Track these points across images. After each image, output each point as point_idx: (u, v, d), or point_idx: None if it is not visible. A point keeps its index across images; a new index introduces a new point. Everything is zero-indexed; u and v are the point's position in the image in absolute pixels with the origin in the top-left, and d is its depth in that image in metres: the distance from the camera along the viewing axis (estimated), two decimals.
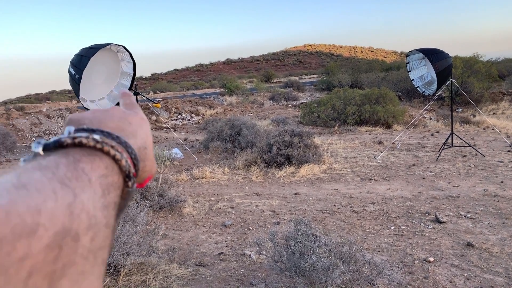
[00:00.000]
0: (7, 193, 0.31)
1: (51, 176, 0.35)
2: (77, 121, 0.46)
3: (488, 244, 3.98)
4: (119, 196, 0.40)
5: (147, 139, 0.49)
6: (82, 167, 0.37)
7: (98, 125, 0.44)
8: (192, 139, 11.72)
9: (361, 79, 26.09)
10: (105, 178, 0.39)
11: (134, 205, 4.34)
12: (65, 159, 0.37)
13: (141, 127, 0.49)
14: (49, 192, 0.33)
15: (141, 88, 45.23)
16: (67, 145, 0.40)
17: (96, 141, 0.40)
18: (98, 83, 7.66)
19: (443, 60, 7.81)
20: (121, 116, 0.48)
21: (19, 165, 0.39)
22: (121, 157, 0.41)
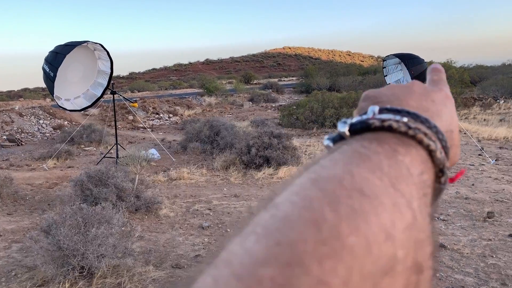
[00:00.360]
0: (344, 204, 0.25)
1: (380, 175, 0.28)
2: (375, 99, 0.41)
3: (459, 245, 4.09)
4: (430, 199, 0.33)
5: (453, 120, 0.42)
6: (402, 162, 0.31)
7: (398, 103, 0.39)
8: (169, 140, 11.60)
9: (339, 82, 26.44)
10: (421, 176, 0.32)
11: (110, 206, 4.26)
12: (381, 148, 0.31)
13: (445, 105, 0.42)
14: (389, 205, 0.26)
15: (118, 87, 44.45)
16: (374, 128, 0.34)
17: (407, 127, 0.34)
18: (74, 81, 7.50)
19: (418, 65, 8.00)
20: (422, 92, 0.42)
21: (329, 152, 0.33)
22: (435, 148, 0.34)
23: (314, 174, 0.29)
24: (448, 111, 0.42)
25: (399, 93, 0.40)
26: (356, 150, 0.31)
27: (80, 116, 15.37)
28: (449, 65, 19.10)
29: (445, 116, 0.40)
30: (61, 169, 8.24)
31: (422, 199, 0.30)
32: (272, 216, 0.25)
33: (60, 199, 5.97)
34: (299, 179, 0.29)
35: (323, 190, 0.26)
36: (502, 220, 4.75)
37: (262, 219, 0.25)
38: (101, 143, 10.80)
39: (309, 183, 0.27)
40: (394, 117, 0.34)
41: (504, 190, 5.93)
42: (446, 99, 0.43)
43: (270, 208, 0.26)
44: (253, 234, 0.24)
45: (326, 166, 0.29)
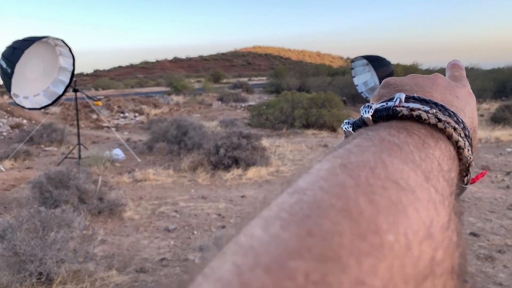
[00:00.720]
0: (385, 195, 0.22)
1: (413, 167, 0.26)
2: (397, 86, 0.39)
3: None
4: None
5: (474, 118, 0.40)
6: (433, 155, 0.29)
7: (423, 94, 0.36)
8: (135, 140, 11.31)
9: (309, 83, 26.75)
10: (450, 173, 0.30)
11: (70, 209, 4.10)
12: (411, 139, 0.29)
13: (468, 102, 0.40)
14: (425, 200, 0.24)
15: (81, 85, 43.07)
16: (401, 116, 0.32)
17: (437, 119, 0.32)
18: (33, 78, 7.15)
19: (385, 67, 8.17)
20: (446, 85, 0.40)
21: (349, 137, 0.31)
22: (464, 145, 0.33)
23: (341, 159, 0.26)
24: (471, 108, 0.40)
25: (422, 84, 0.39)
26: (384, 138, 0.29)
27: (40, 114, 14.76)
28: (415, 67, 19.72)
29: (468, 113, 0.39)
30: (19, 170, 7.86)
31: (451, 197, 0.28)
32: (299, 201, 0.22)
33: (17, 201, 5.69)
34: (324, 164, 0.26)
35: (355, 177, 0.23)
36: (464, 219, 4.88)
37: (286, 204, 0.22)
38: (63, 143, 10.39)
39: (338, 168, 0.25)
40: (423, 107, 0.33)
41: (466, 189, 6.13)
42: (469, 96, 0.42)
43: (295, 192, 0.23)
44: (279, 219, 0.21)
45: (354, 152, 0.27)
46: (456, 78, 0.46)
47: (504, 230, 4.53)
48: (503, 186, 6.33)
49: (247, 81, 40.94)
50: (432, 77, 0.41)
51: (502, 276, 3.56)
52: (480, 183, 6.49)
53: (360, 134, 0.31)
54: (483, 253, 3.97)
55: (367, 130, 0.31)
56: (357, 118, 0.36)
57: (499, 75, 22.56)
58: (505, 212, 5.10)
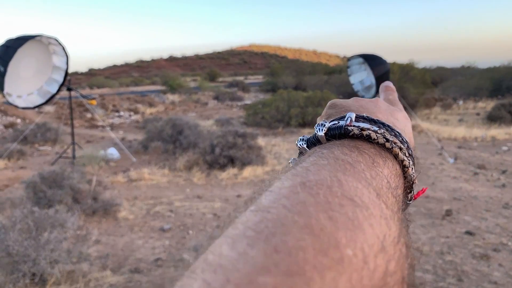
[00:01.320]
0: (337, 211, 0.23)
1: (366, 185, 0.27)
2: (343, 107, 0.41)
3: (419, 243, 4.17)
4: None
5: (412, 140, 0.42)
6: (382, 173, 0.31)
7: (369, 115, 0.38)
8: (130, 139, 11.25)
9: (305, 81, 26.76)
10: (397, 190, 0.32)
11: (64, 209, 4.06)
12: (362, 158, 0.31)
13: (406, 125, 0.42)
14: (378, 216, 0.25)
15: (75, 83, 42.88)
16: (352, 135, 0.34)
17: (385, 139, 0.34)
18: (26, 77, 7.08)
19: (381, 66, 8.15)
20: (387, 109, 0.42)
21: (307, 156, 0.32)
22: (408, 164, 0.35)
23: (300, 177, 0.27)
24: (408, 130, 0.43)
25: (367, 106, 0.41)
26: (338, 157, 0.30)
27: (34, 113, 14.66)
28: (411, 66, 19.70)
29: (408, 134, 0.41)
30: (13, 170, 7.79)
31: (399, 212, 0.30)
32: (263, 219, 0.23)
33: (11, 201, 5.64)
34: (285, 182, 0.27)
35: (314, 195, 0.25)
36: (459, 217, 4.90)
37: (251, 222, 0.23)
38: (57, 142, 10.32)
39: (299, 187, 0.26)
40: (372, 127, 0.34)
41: (462, 188, 6.14)
42: (406, 119, 0.44)
43: (258, 210, 0.24)
44: (245, 238, 0.22)
45: (312, 170, 0.28)
46: (391, 101, 0.49)
47: (499, 229, 4.53)
48: (499, 185, 6.34)
49: (243, 79, 40.90)
50: (374, 101, 0.43)
51: (497, 274, 3.56)
52: (476, 182, 6.51)
53: (315, 152, 0.32)
54: (478, 251, 3.97)
55: (322, 148, 0.33)
56: (311, 135, 0.37)
57: (495, 74, 22.63)
58: (500, 211, 5.11)
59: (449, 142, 10.29)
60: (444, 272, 3.63)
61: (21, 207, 4.09)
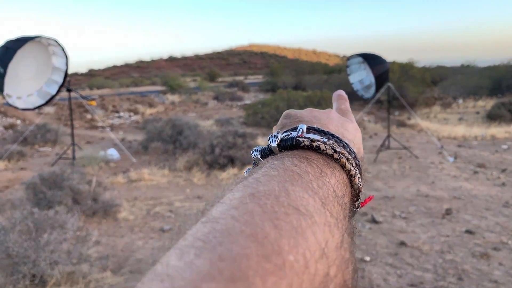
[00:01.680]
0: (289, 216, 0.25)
1: (312, 194, 0.29)
2: (297, 118, 0.42)
3: (419, 242, 4.17)
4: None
5: (361, 150, 0.45)
6: (329, 183, 0.33)
7: (320, 126, 0.40)
8: (130, 139, 11.25)
9: (305, 81, 26.74)
10: (344, 199, 0.34)
11: (64, 210, 4.06)
12: (310, 168, 0.33)
13: (355, 135, 0.45)
14: (322, 224, 0.27)
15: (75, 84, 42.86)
16: (303, 146, 0.36)
17: (334, 150, 0.36)
18: (26, 78, 7.09)
19: (380, 65, 8.15)
20: (338, 120, 0.45)
21: (263, 165, 0.34)
22: (355, 173, 0.37)
23: (251, 188, 0.28)
24: (358, 141, 0.45)
25: (319, 117, 0.43)
26: (288, 168, 0.32)
27: (34, 114, 14.66)
28: (411, 65, 19.69)
29: (357, 145, 0.43)
30: (13, 171, 7.79)
31: (345, 220, 0.31)
32: (212, 229, 0.24)
33: (11, 203, 5.64)
34: (236, 193, 0.29)
35: (262, 205, 0.26)
36: (459, 216, 4.89)
37: (200, 233, 0.24)
38: (57, 143, 10.33)
39: (248, 197, 0.27)
40: (321, 138, 0.36)
41: (462, 187, 6.14)
42: (356, 130, 0.46)
43: (208, 221, 0.26)
44: (193, 248, 0.23)
45: (262, 181, 0.29)
46: (343, 111, 0.51)
47: (499, 228, 4.53)
48: (499, 183, 6.34)
49: (243, 79, 40.89)
50: (327, 112, 0.45)
51: (498, 273, 3.56)
52: (476, 181, 6.50)
53: (267, 163, 0.34)
54: (478, 250, 3.97)
55: (273, 159, 0.35)
56: (264, 146, 0.39)
57: (495, 73, 22.62)
58: (500, 210, 5.10)
59: (449, 141, 10.29)
60: (444, 271, 3.63)
61: (21, 208, 4.09)
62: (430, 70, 27.19)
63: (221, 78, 46.79)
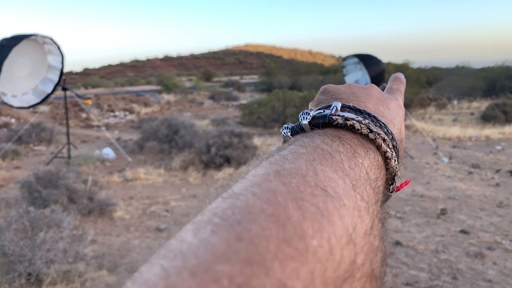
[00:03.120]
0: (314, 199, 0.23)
1: (342, 176, 0.27)
2: (334, 94, 0.41)
3: (414, 242, 4.20)
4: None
5: (402, 130, 0.42)
6: (362, 164, 0.31)
7: (357, 103, 0.38)
8: (125, 139, 11.22)
9: (301, 81, 26.78)
10: (377, 182, 0.32)
11: (60, 209, 4.05)
12: (343, 148, 0.31)
13: (398, 114, 0.42)
14: (351, 207, 0.25)
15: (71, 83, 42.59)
16: (336, 124, 0.34)
17: (369, 130, 0.34)
18: (21, 76, 7.05)
19: (376, 65, 8.19)
20: (379, 97, 0.42)
21: (288, 142, 0.33)
22: (391, 155, 0.35)
23: (276, 165, 0.27)
24: (400, 120, 0.42)
25: (358, 93, 0.40)
26: (318, 146, 0.30)
27: (29, 113, 14.57)
28: (406, 66, 19.82)
29: (397, 125, 0.41)
30: (7, 170, 7.75)
31: (377, 204, 0.29)
32: (232, 206, 0.23)
33: (6, 202, 5.61)
34: (260, 169, 0.28)
35: (286, 184, 0.24)
36: (454, 216, 4.93)
37: (219, 209, 0.23)
38: (52, 142, 10.27)
39: (272, 174, 0.26)
40: (357, 117, 0.34)
41: (456, 187, 6.18)
42: (399, 108, 0.44)
43: (229, 197, 0.24)
44: (210, 224, 0.22)
45: (289, 159, 0.28)
46: (392, 90, 0.49)
47: (493, 227, 4.57)
48: (493, 184, 6.39)
49: (238, 79, 40.86)
50: (368, 87, 0.43)
51: (492, 273, 3.59)
52: (470, 181, 6.56)
53: (296, 141, 0.32)
54: (473, 250, 4.01)
55: (303, 137, 0.33)
56: (295, 123, 0.37)
57: (489, 74, 22.76)
58: (494, 210, 5.15)
59: (443, 142, 10.36)
60: (439, 270, 3.66)
61: (17, 207, 4.07)
62: (425, 71, 27.34)
63: (216, 78, 46.72)
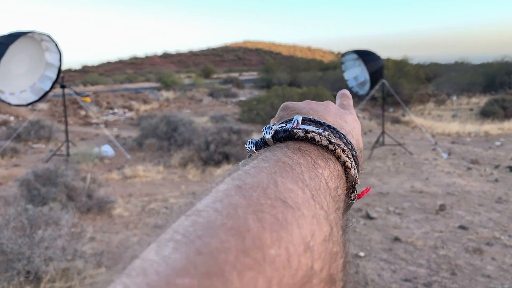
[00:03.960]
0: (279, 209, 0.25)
1: (302, 187, 0.29)
2: (294, 110, 0.42)
3: (413, 238, 4.20)
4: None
5: (360, 141, 0.44)
6: (322, 175, 0.32)
7: (317, 117, 0.40)
8: (124, 136, 11.21)
9: (300, 77, 26.74)
10: (337, 191, 0.33)
11: (58, 207, 4.05)
12: (303, 159, 0.32)
13: (355, 127, 0.44)
14: (309, 216, 0.26)
15: (69, 80, 42.51)
16: (298, 137, 0.35)
17: (328, 141, 0.35)
18: (18, 74, 7.03)
19: (375, 62, 8.17)
20: (336, 112, 0.44)
21: (253, 157, 0.34)
22: (350, 165, 0.36)
23: (238, 181, 0.28)
24: (357, 132, 0.44)
25: (317, 108, 0.42)
26: (280, 159, 0.31)
27: (27, 111, 14.55)
28: (405, 62, 19.77)
29: (355, 136, 0.43)
30: (6, 168, 7.74)
31: (337, 212, 0.31)
32: (194, 223, 0.24)
33: (5, 199, 5.61)
34: (222, 185, 0.28)
35: (247, 198, 0.25)
36: (453, 212, 4.94)
37: (181, 226, 0.24)
38: (51, 140, 10.26)
39: (234, 190, 0.27)
40: (317, 129, 0.36)
41: (455, 183, 6.18)
42: (355, 121, 0.46)
43: (191, 214, 0.25)
44: (172, 241, 0.23)
45: (251, 173, 0.29)
46: (345, 106, 0.51)
47: (492, 223, 4.57)
48: (492, 179, 6.39)
49: (237, 76, 40.80)
50: (325, 104, 0.45)
51: (490, 268, 3.60)
52: (469, 177, 6.56)
53: (259, 155, 0.33)
54: (471, 245, 4.01)
55: (266, 151, 0.34)
56: (259, 138, 0.39)
57: (489, 69, 22.73)
58: (493, 205, 5.15)
59: (442, 138, 10.35)
60: (437, 266, 3.66)
61: (15, 205, 4.07)
62: (424, 67, 27.30)
63: (215, 75, 46.65)
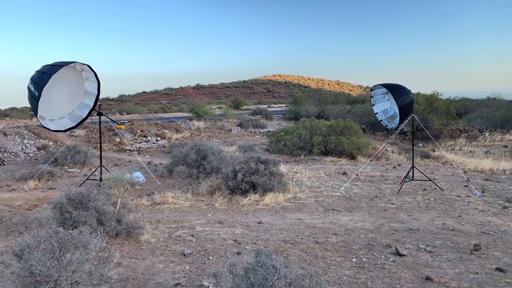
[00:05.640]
0: None
1: None
2: None
3: (446, 278, 4.01)
4: None
5: None
6: None
7: None
8: (156, 163, 11.45)
9: (328, 110, 26.73)
10: None
11: (87, 230, 4.12)
12: None
13: None
14: None
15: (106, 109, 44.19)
16: None
17: None
18: (59, 102, 7.39)
19: (405, 96, 8.10)
20: None
21: None
22: None
23: None
24: None
25: None
26: None
27: (66, 136, 15.16)
28: (435, 97, 19.48)
29: None
30: (42, 191, 8.02)
31: None
32: None
33: (38, 221, 5.79)
34: None
35: None
36: (489, 253, 4.70)
37: None
38: (86, 164, 10.61)
39: None
40: None
41: (491, 222, 5.92)
42: None
43: None
44: None
45: None
46: None
47: None
48: None
49: (266, 107, 41.23)
50: None
51: None
52: (506, 216, 6.26)
53: None
54: None
55: None
56: None
57: None
58: None
59: (475, 174, 9.99)
60: None
61: (47, 227, 4.18)
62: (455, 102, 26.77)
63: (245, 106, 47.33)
